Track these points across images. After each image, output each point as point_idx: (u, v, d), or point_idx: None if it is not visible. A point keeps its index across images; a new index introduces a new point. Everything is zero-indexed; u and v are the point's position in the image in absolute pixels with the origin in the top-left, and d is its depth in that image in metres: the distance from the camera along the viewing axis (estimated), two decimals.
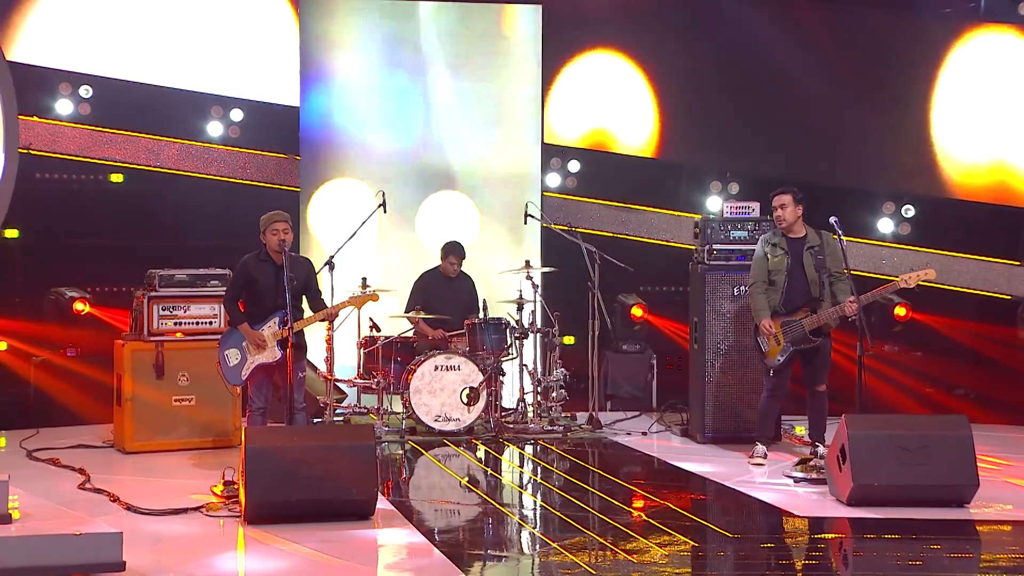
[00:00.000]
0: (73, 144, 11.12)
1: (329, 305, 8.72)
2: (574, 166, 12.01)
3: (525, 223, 10.82)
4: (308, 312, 8.63)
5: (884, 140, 11.70)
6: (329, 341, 9.66)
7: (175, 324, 9.58)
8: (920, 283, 8.58)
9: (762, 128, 11.66)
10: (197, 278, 9.67)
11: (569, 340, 11.08)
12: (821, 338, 8.80)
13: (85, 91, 11.12)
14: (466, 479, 8.85)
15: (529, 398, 10.48)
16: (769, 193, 9.04)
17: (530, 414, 10.42)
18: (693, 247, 10.20)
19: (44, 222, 11.03)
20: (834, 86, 11.52)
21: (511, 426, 10.26)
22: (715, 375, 9.85)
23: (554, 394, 10.36)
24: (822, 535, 7.35)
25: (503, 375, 10.30)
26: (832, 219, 8.48)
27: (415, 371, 9.96)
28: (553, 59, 11.76)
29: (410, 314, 10.38)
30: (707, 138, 11.89)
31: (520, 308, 10.34)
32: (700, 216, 10.20)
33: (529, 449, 9.80)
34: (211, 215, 11.12)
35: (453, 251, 10.64)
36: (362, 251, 10.76)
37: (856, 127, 11.64)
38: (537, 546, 7.03)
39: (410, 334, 10.46)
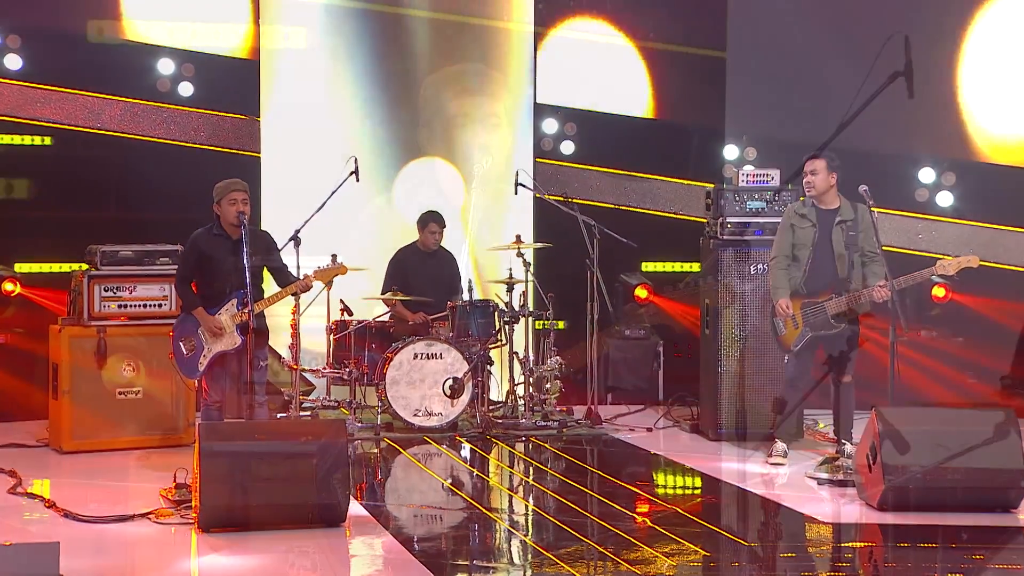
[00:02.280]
0: (1, 103, 11.07)
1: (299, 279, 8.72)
2: (571, 129, 12.00)
3: (516, 193, 10.82)
4: (276, 290, 8.62)
5: (921, 98, 11.66)
6: (295, 326, 9.67)
7: (119, 307, 9.57)
8: (961, 270, 8.57)
9: (783, 86, 11.62)
10: (144, 255, 9.66)
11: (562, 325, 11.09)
12: (844, 324, 8.81)
13: (13, 41, 11.06)
14: (449, 481, 8.88)
15: (520, 390, 10.50)
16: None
17: (521, 408, 10.45)
18: (705, 220, 10.22)
19: None
20: (865, 39, 11.49)
21: (500, 421, 10.29)
22: (729, 364, 9.87)
23: (548, 385, 10.38)
24: (849, 543, 7.39)
25: (491, 364, 10.32)
26: (862, 188, 8.48)
27: (392, 360, 9.97)
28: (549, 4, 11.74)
29: (386, 295, 10.38)
30: (721, 97, 11.85)
31: (510, 289, 10.35)
32: (712, 185, 10.20)
33: (520, 447, 9.83)
34: (160, 183, 11.07)
35: (433, 219, 10.64)
36: (332, 225, 10.74)
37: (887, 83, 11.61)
38: (529, 556, 7.05)
39: (386, 318, 10.47)
